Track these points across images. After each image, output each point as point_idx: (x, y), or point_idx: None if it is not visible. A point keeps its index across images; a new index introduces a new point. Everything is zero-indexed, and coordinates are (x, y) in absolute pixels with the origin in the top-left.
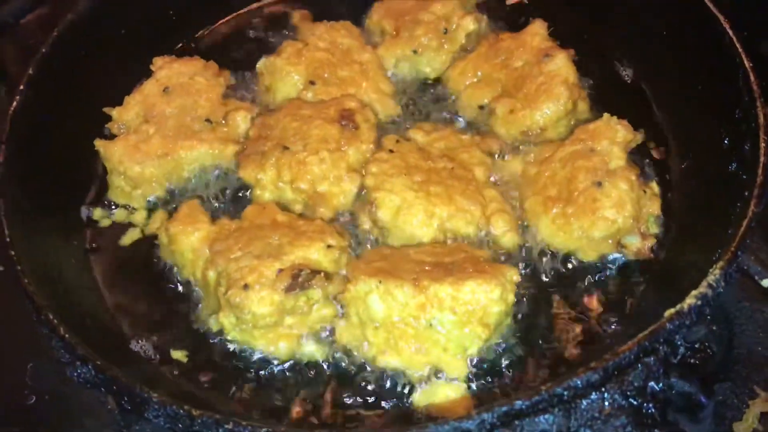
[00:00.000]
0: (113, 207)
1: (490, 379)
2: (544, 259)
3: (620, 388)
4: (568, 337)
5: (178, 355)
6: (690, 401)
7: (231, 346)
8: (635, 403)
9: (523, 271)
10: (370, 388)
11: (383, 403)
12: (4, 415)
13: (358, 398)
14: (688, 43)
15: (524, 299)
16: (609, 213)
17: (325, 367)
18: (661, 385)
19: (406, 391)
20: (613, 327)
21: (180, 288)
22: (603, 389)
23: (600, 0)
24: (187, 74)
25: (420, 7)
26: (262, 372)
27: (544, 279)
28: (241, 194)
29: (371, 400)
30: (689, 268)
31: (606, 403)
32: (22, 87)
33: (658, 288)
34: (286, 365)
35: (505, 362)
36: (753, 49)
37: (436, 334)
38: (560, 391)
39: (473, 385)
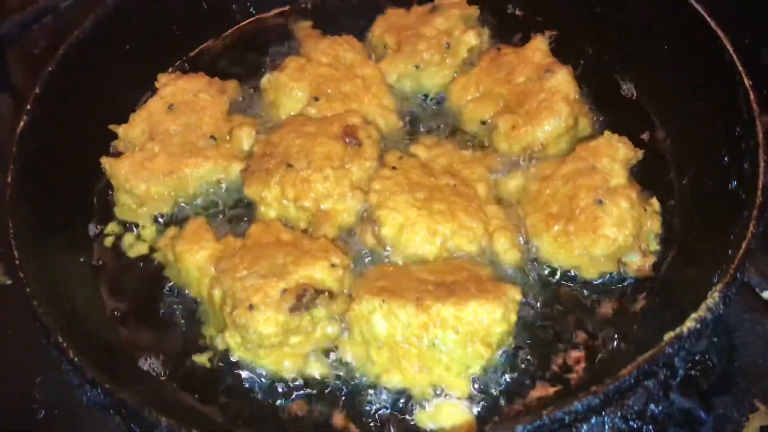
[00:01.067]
0: (120, 224)
1: (492, 399)
2: (546, 276)
3: (620, 412)
4: (569, 355)
5: (201, 359)
6: (690, 417)
7: (238, 366)
8: (635, 426)
9: (524, 289)
10: (374, 406)
11: (387, 422)
12: (13, 430)
13: (362, 416)
14: (688, 59)
15: (526, 317)
16: (610, 231)
17: (329, 385)
18: (661, 407)
19: (409, 409)
20: (614, 345)
21: (187, 306)
22: (603, 413)
23: (601, 15)
24: (191, 91)
25: (422, 21)
26: (268, 390)
27: (546, 296)
28: (246, 211)
29: (375, 418)
30: (689, 287)
31: (606, 427)
32: (29, 106)
33: (658, 306)
34: (292, 384)
35: (506, 381)
36: (753, 58)
37: (438, 353)
38: (561, 415)
39: (475, 405)
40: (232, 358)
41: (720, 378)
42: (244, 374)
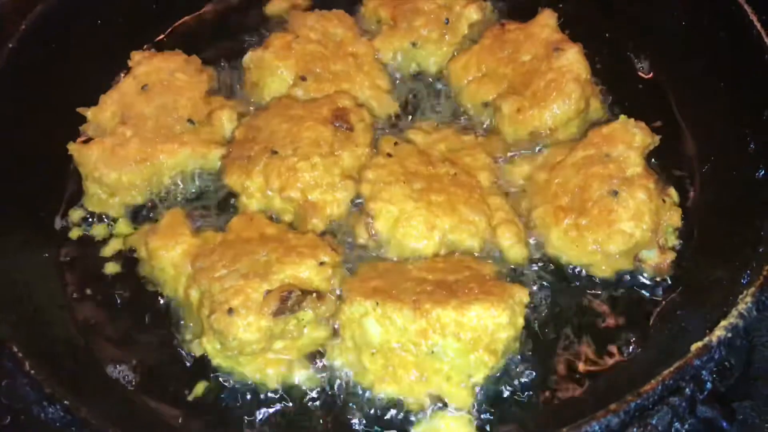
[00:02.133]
0: (89, 216)
1: (496, 411)
2: (555, 275)
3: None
4: (581, 363)
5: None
6: (712, 427)
7: (217, 372)
8: None
9: (531, 289)
10: (366, 418)
11: None
12: None
13: (353, 429)
14: (710, 34)
15: (534, 320)
16: (626, 226)
17: (317, 394)
18: (687, 426)
19: (405, 422)
20: (631, 349)
21: (162, 306)
22: None
23: None
24: (167, 70)
25: None
26: (249, 401)
27: (555, 296)
28: (227, 202)
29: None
30: (714, 287)
31: None
32: None
33: (679, 306)
34: (276, 393)
35: (513, 391)
36: None
37: (438, 362)
38: None
39: (478, 417)
40: (210, 365)
41: (739, 381)
42: (222, 382)
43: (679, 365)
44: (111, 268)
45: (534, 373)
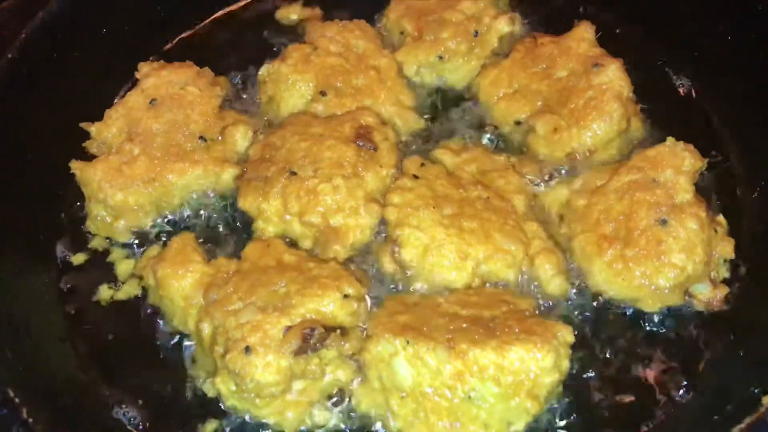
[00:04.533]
0: (93, 240)
1: None
2: (597, 310)
3: None
4: (626, 407)
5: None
6: None
7: (231, 413)
8: None
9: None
10: None
11: None
12: None
13: None
14: (756, 49)
15: (575, 359)
16: (677, 258)
17: None
18: None
19: None
20: (681, 393)
21: (171, 339)
22: None
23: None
24: (177, 83)
25: (446, 5)
26: None
27: (598, 335)
28: (241, 227)
29: None
30: None
31: None
32: None
33: (733, 347)
34: None
35: None
36: None
37: (475, 408)
38: None
39: None
40: (222, 406)
41: None
42: (237, 422)
43: (750, 421)
44: (116, 297)
45: (576, 421)
